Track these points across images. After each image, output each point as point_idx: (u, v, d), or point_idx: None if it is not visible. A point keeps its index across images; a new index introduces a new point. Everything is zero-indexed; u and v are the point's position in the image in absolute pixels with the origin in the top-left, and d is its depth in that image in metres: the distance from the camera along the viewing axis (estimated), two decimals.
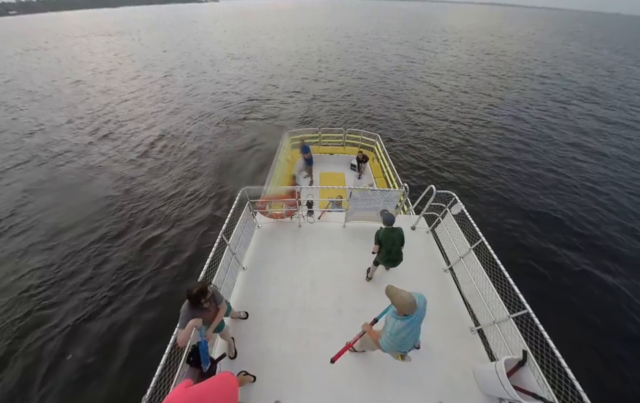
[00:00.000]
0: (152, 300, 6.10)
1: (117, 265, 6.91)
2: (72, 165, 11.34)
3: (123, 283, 6.47)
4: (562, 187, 9.99)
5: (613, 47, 46.12)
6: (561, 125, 15.16)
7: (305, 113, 16.71)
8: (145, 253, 7.23)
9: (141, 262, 6.97)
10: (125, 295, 6.20)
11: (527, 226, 8.17)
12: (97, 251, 7.30)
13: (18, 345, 5.28)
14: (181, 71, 26.15)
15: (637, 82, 24.78)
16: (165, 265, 6.88)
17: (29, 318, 5.74)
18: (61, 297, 6.16)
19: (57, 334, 5.46)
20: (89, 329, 5.57)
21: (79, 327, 5.60)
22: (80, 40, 48.76)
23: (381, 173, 7.54)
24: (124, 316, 5.79)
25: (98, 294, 6.23)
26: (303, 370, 3.18)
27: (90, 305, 6.00)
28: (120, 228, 8.03)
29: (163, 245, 7.45)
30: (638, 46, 49.46)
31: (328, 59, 30.83)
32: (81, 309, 5.91)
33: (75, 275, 6.66)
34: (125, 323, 5.67)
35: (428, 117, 15.95)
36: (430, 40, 47.13)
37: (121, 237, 7.71)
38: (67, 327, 5.58)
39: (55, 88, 21.54)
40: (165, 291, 6.27)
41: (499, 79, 24.32)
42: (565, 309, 5.99)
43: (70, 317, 5.75)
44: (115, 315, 5.81)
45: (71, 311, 5.87)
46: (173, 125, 14.90)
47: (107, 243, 7.55)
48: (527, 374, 2.62)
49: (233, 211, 4.07)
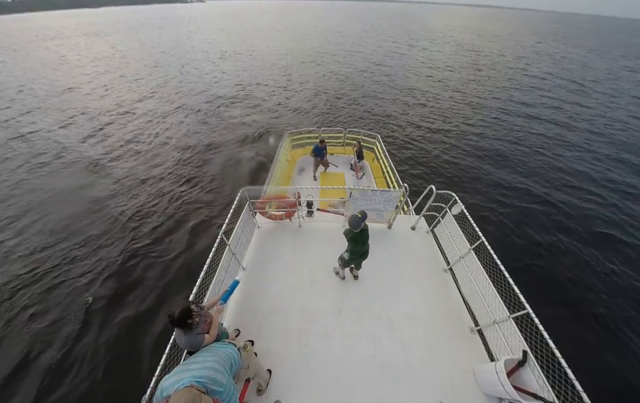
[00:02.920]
0: (152, 300, 6.09)
1: (118, 265, 6.90)
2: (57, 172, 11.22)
3: (125, 282, 6.47)
4: (565, 181, 10.05)
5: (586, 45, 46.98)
6: (547, 118, 15.25)
7: (305, 113, 16.74)
8: (144, 253, 7.22)
9: (141, 263, 6.96)
10: (125, 295, 6.19)
11: (526, 225, 8.17)
12: (86, 253, 7.26)
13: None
14: (165, 71, 26.16)
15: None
16: (165, 266, 6.87)
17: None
18: (54, 300, 6.16)
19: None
20: (89, 330, 5.57)
21: (77, 328, 5.61)
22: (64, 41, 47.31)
23: (381, 173, 7.54)
24: (124, 316, 5.79)
25: (97, 294, 6.22)
26: (303, 370, 3.18)
27: (82, 309, 5.96)
28: (118, 228, 8.02)
29: (163, 245, 7.44)
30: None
31: (326, 59, 30.87)
32: (80, 310, 5.92)
33: (76, 272, 6.67)
34: (125, 323, 5.66)
35: (428, 117, 15.99)
36: (425, 39, 47.22)
37: (120, 238, 7.71)
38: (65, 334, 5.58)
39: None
40: (166, 291, 6.27)
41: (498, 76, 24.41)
42: (565, 309, 5.99)
43: (63, 322, 5.74)
44: (115, 315, 5.81)
45: (61, 312, 5.88)
46: (164, 126, 14.90)
47: (96, 244, 7.49)
48: (527, 374, 2.62)
49: (233, 212, 4.07)
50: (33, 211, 8.74)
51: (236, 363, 2.14)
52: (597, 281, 6.63)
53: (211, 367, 1.81)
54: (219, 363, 1.91)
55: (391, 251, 4.68)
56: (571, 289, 6.44)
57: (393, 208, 4.80)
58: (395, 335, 3.52)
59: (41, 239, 7.67)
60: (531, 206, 8.99)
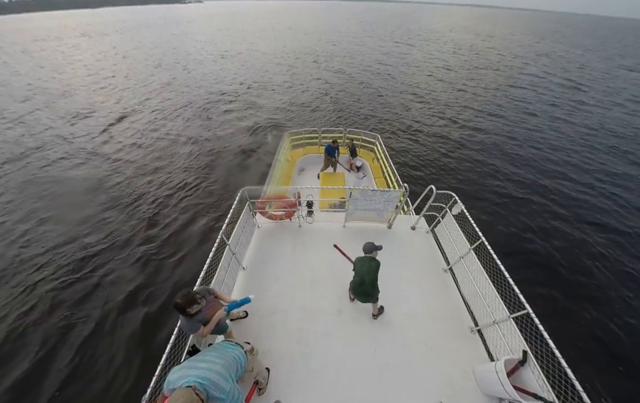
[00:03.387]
0: (150, 301, 6.10)
1: (116, 264, 6.90)
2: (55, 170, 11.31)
3: (124, 283, 6.47)
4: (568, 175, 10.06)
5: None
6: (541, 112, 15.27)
7: (304, 113, 16.74)
8: (144, 253, 7.22)
9: (141, 262, 6.96)
10: (123, 296, 6.19)
11: (527, 224, 8.18)
12: (87, 251, 7.30)
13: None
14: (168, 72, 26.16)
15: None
16: (165, 266, 6.88)
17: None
18: (43, 299, 6.16)
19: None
20: (88, 330, 5.57)
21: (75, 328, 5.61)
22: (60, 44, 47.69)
23: (381, 174, 7.53)
24: (123, 316, 5.79)
25: (95, 296, 6.24)
26: (303, 370, 3.18)
27: (88, 306, 6.01)
28: (115, 229, 8.02)
29: (162, 245, 7.44)
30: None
31: (324, 59, 30.87)
32: (77, 312, 5.93)
33: (80, 274, 6.67)
34: (124, 323, 5.66)
35: (428, 116, 15.98)
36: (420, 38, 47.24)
37: (119, 237, 7.70)
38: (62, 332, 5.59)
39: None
40: (165, 292, 6.27)
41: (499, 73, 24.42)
42: (565, 309, 5.99)
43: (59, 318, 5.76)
44: (115, 316, 5.81)
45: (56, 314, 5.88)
46: (165, 128, 14.91)
47: (97, 245, 7.50)
48: (527, 374, 2.62)
49: (233, 211, 4.07)
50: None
51: (242, 367, 2.18)
52: (598, 281, 6.63)
53: (216, 371, 1.85)
54: (225, 367, 1.94)
55: (391, 251, 4.67)
56: (572, 288, 6.44)
57: (392, 208, 4.80)
58: (394, 335, 3.52)
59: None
60: (531, 202, 9.01)
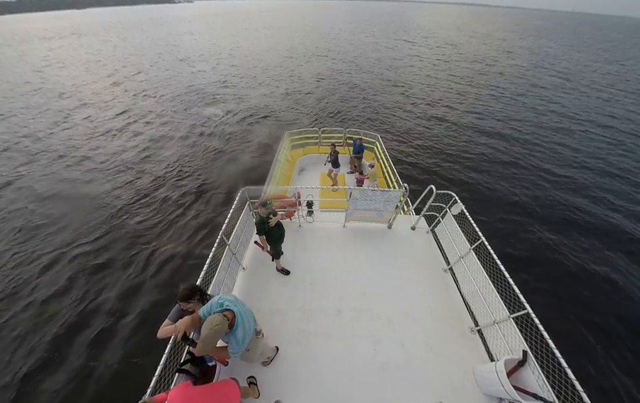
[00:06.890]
0: (152, 300, 6.10)
1: (115, 264, 6.90)
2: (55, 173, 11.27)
3: (124, 282, 6.47)
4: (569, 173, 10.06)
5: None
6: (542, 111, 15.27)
7: (305, 111, 16.74)
8: (143, 253, 7.22)
9: (140, 263, 6.97)
10: (124, 296, 6.19)
11: (526, 223, 8.17)
12: (84, 255, 7.28)
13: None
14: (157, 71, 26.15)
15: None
16: (165, 266, 6.88)
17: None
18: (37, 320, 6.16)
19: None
20: (86, 331, 5.57)
21: (73, 330, 5.61)
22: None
23: (381, 174, 7.53)
24: (123, 316, 5.79)
25: (94, 297, 6.24)
26: (303, 370, 3.18)
27: (86, 310, 6.00)
28: (114, 230, 8.02)
29: (163, 245, 7.44)
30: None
31: (325, 58, 30.88)
32: (77, 312, 5.92)
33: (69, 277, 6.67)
34: (124, 323, 5.67)
35: (429, 117, 15.98)
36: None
37: (119, 237, 7.71)
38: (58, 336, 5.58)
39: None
40: (165, 291, 6.26)
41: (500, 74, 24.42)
42: (565, 309, 5.98)
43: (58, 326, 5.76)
44: (114, 316, 5.81)
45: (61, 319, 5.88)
46: (163, 128, 14.91)
47: (98, 248, 7.48)
48: (527, 374, 2.62)
49: (233, 211, 4.07)
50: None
51: (251, 329, 2.37)
52: (599, 281, 6.63)
53: (241, 310, 2.27)
54: (246, 313, 2.36)
55: (390, 251, 4.68)
56: (571, 288, 6.44)
57: (392, 208, 4.80)
58: (394, 335, 3.52)
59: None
60: (531, 202, 9.00)
